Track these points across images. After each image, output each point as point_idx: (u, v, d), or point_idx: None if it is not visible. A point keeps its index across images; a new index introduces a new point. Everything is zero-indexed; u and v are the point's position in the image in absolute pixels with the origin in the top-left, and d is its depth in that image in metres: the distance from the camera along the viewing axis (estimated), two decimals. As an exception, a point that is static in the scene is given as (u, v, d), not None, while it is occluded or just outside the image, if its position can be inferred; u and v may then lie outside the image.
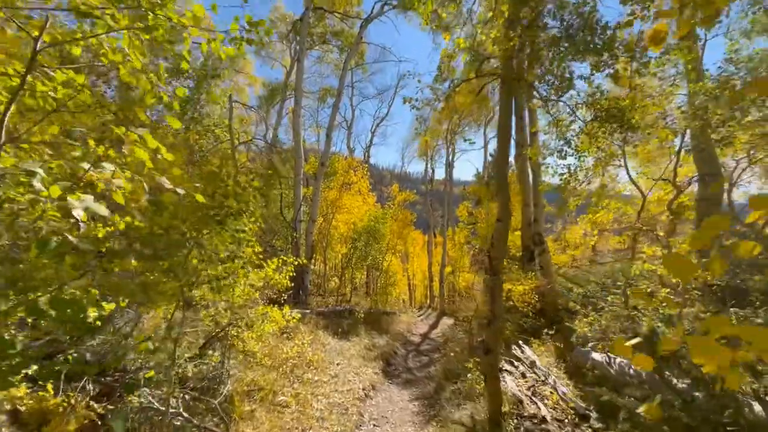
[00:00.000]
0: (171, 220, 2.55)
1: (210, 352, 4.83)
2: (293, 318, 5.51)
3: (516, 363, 5.71)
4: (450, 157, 21.70)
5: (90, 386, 3.31)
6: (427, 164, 25.01)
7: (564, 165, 5.91)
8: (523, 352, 5.89)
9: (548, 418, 4.29)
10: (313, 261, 16.24)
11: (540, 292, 7.49)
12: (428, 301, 24.10)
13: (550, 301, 7.30)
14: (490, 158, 20.92)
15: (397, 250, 17.55)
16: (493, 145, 20.64)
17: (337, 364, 6.90)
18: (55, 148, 1.77)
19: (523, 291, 7.54)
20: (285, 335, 7.78)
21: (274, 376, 5.42)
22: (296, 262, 5.56)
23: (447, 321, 16.06)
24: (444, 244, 19.47)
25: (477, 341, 7.95)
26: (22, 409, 2.75)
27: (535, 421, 4.29)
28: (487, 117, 20.13)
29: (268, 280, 5.42)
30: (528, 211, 11.53)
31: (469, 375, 5.67)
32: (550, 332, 6.75)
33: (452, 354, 7.86)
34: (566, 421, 4.30)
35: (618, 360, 4.98)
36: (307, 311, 10.28)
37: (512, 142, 12.45)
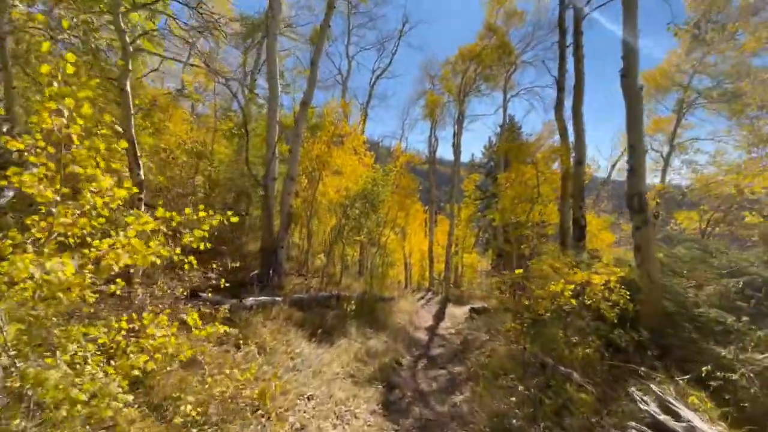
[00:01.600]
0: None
1: None
2: (204, 330, 2.75)
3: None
4: (457, 126, 18.55)
5: None
6: (431, 130, 21.91)
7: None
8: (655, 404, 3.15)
9: None
10: (294, 233, 13.41)
11: (634, 287, 4.74)
12: (428, 284, 21.55)
13: (654, 302, 4.55)
14: (508, 121, 17.88)
15: (396, 225, 14.71)
16: (514, 105, 17.57)
17: (309, 398, 4.15)
18: None
19: (606, 283, 4.80)
20: (232, 341, 5.02)
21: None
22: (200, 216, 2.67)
23: (454, 310, 13.46)
24: (451, 221, 16.68)
25: (529, 353, 5.28)
26: None
27: None
28: (509, 71, 16.94)
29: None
30: (579, 169, 8.70)
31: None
32: (660, 356, 4.07)
33: (489, 375, 5.18)
34: None
35: None
36: (278, 299, 7.51)
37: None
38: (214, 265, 5.42)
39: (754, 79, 9.14)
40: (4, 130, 5.55)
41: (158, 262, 2.50)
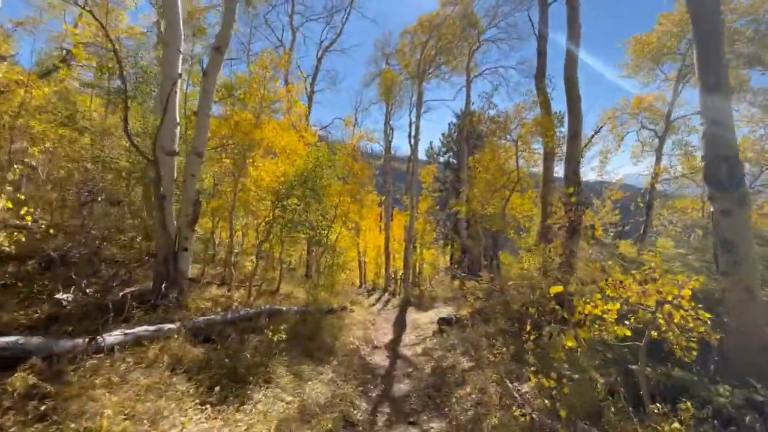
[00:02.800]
0: None
1: None
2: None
3: None
4: (415, 109, 16.61)
5: None
6: (387, 115, 19.87)
7: None
8: None
9: None
10: (221, 229, 10.75)
11: (714, 306, 3.01)
12: (385, 283, 19.63)
13: (756, 333, 2.85)
14: (474, 103, 16.34)
15: (349, 219, 12.53)
16: (478, 86, 16.00)
17: None
18: None
19: (674, 301, 3.01)
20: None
21: None
22: None
23: (416, 316, 11.59)
24: (411, 214, 14.78)
25: (533, 411, 3.41)
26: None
27: None
28: (472, 48, 15.33)
29: None
30: (575, 144, 7.09)
31: None
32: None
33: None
34: None
35: None
36: (169, 326, 5.06)
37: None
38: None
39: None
40: None
41: None
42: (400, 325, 10.34)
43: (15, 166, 5.85)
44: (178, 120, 6.40)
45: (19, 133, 6.76)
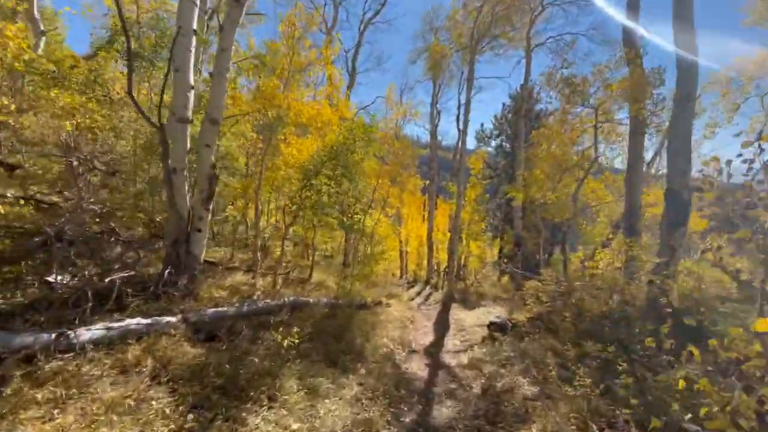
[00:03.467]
0: None
1: None
2: None
3: None
4: (467, 84, 14.84)
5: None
6: (433, 96, 18.34)
7: None
8: None
9: None
10: (249, 208, 10.15)
11: None
12: (427, 275, 18.41)
13: None
14: (533, 80, 14.33)
15: (389, 204, 11.42)
16: (539, 58, 13.94)
17: None
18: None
19: None
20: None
21: None
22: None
23: (461, 315, 10.31)
24: (458, 202, 13.34)
25: None
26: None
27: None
28: (533, 13, 13.34)
29: None
30: (688, 110, 5.35)
31: None
32: None
33: None
34: None
35: None
36: (168, 320, 4.28)
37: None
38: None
39: None
40: None
41: None
42: (442, 325, 9.13)
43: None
44: (192, 82, 5.59)
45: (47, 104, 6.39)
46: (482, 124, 21.18)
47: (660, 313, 4.91)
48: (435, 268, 19.63)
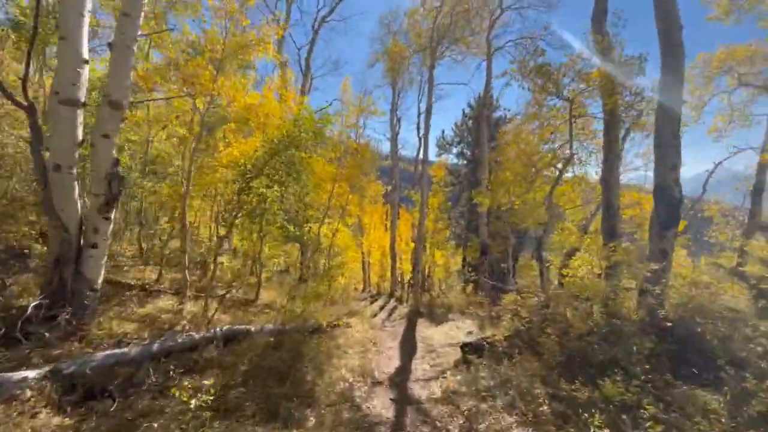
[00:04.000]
0: None
1: None
2: None
3: None
4: (428, 86, 14.25)
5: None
6: (393, 100, 17.72)
7: None
8: None
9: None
10: (150, 220, 8.76)
11: None
12: (391, 288, 17.45)
13: None
14: (494, 87, 14.07)
15: (347, 213, 10.39)
16: (498, 58, 13.68)
17: None
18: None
19: None
20: None
21: None
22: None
23: (429, 333, 9.44)
24: (422, 210, 12.58)
25: None
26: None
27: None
28: (493, 13, 13.12)
29: None
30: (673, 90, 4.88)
31: None
32: None
33: None
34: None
35: None
36: (29, 374, 2.97)
37: None
38: None
39: None
40: None
41: None
42: (409, 346, 8.17)
43: None
44: (86, 56, 4.31)
45: None
46: (443, 131, 20.83)
47: (658, 328, 4.27)
48: (399, 279, 18.76)
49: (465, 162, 19.60)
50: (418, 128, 20.99)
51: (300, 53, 14.74)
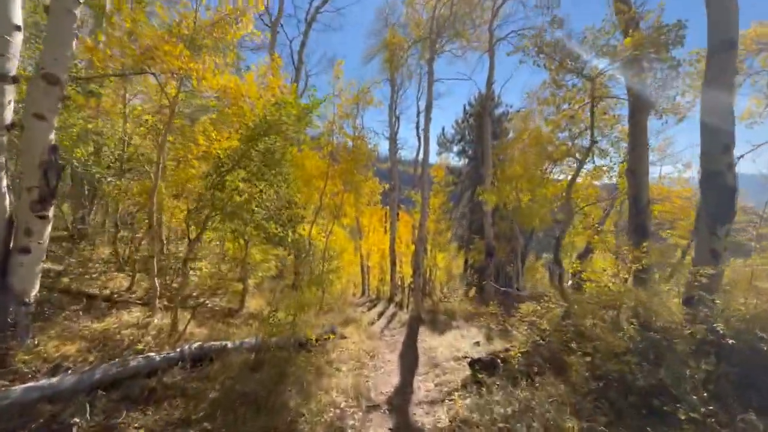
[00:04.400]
0: None
1: None
2: None
3: None
4: (428, 78, 13.50)
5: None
6: (392, 96, 16.99)
7: None
8: None
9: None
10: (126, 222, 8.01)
11: None
12: (390, 292, 16.66)
13: None
14: (496, 81, 13.36)
15: (342, 213, 9.62)
16: (500, 54, 13.05)
17: None
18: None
19: None
20: None
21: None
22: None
23: (431, 342, 8.66)
24: (423, 211, 11.81)
25: None
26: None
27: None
28: (496, 2, 12.41)
29: None
30: (730, 57, 4.12)
31: None
32: None
33: None
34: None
35: None
36: None
37: None
38: None
39: None
40: None
41: None
42: (409, 359, 7.38)
43: None
44: (17, 21, 3.55)
45: None
46: (443, 129, 20.08)
47: (717, 346, 3.49)
48: (399, 283, 17.95)
49: (467, 160, 18.88)
50: (418, 126, 20.28)
51: (292, 45, 14.04)
